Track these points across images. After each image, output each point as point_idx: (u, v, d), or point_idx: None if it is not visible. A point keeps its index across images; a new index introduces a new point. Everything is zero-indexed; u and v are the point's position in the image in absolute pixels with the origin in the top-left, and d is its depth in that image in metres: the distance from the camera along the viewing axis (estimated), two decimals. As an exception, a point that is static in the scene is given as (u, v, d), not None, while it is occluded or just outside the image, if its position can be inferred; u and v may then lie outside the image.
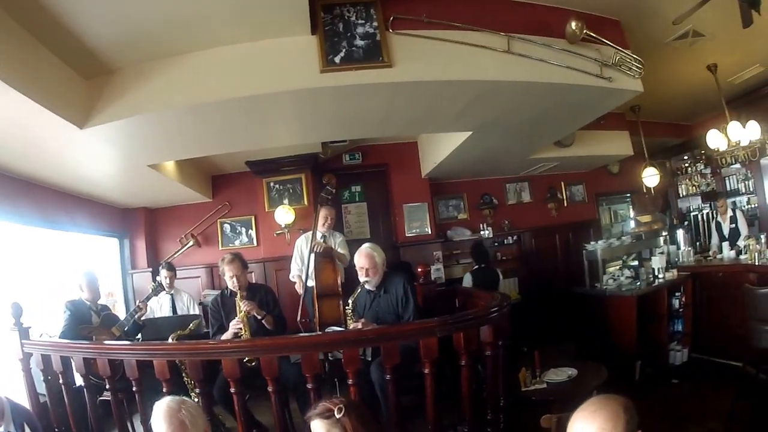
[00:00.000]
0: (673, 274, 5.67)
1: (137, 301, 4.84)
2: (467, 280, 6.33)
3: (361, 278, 3.91)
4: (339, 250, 5.11)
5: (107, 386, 3.44)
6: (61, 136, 3.92)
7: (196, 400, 3.15)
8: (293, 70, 3.71)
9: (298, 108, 4.13)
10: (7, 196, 4.81)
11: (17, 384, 3.81)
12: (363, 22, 3.76)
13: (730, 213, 6.67)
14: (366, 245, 3.99)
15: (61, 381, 3.60)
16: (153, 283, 5.01)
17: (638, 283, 5.58)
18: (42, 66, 3.34)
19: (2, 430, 3.03)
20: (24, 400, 3.60)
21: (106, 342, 3.97)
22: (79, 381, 3.75)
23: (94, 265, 5.62)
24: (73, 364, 3.58)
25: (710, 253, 6.39)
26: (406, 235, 7.26)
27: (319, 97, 3.93)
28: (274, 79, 3.70)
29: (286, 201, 6.71)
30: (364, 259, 3.88)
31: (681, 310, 5.64)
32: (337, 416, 1.98)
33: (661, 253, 5.98)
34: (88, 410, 3.63)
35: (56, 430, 3.74)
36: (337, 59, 3.70)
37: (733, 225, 6.58)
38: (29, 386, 3.78)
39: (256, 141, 5.08)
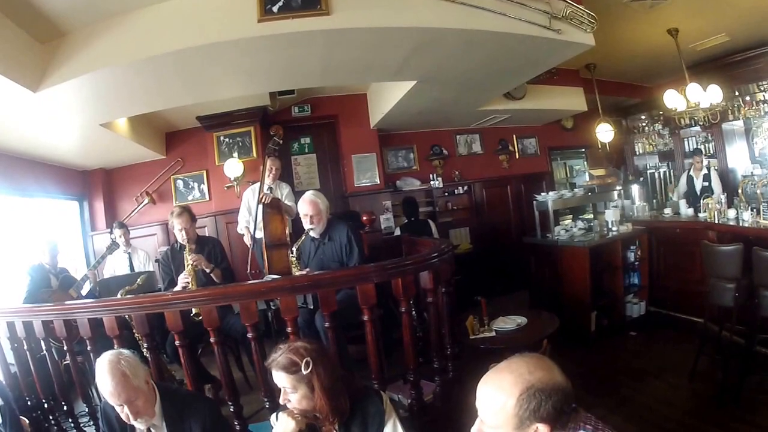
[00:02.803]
0: (627, 227, 5.72)
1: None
2: (398, 234, 6.33)
3: (306, 225, 3.88)
4: (286, 201, 5.10)
5: (65, 348, 3.44)
6: (16, 102, 3.93)
7: (146, 355, 3.15)
8: (231, 21, 3.66)
9: (238, 59, 4.08)
10: None
11: None
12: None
13: (704, 171, 6.71)
14: (309, 192, 3.95)
15: (25, 347, 3.59)
16: (109, 242, 5.07)
17: (591, 235, 5.62)
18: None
19: None
20: None
21: (64, 302, 3.94)
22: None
23: (53, 230, 5.71)
24: (35, 329, 3.54)
25: (666, 210, 6.41)
26: (356, 185, 7.24)
27: (257, 48, 3.88)
28: (212, 31, 3.65)
29: (235, 154, 6.70)
30: (308, 205, 3.83)
31: (637, 263, 5.71)
32: (304, 371, 1.94)
33: (615, 206, 6.02)
34: (52, 375, 3.61)
35: (27, 399, 3.71)
36: (275, 8, 3.63)
37: (707, 183, 6.59)
38: None
39: (200, 94, 5.02)
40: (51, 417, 3.65)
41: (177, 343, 3.05)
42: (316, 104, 7.25)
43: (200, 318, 3.34)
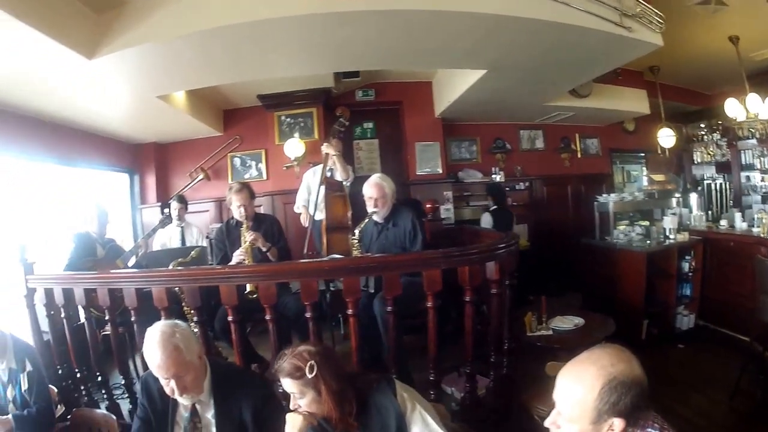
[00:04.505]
0: (684, 236, 5.56)
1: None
2: (486, 220, 6.26)
3: (369, 209, 3.82)
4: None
5: (107, 318, 3.38)
6: (71, 70, 3.90)
7: (195, 330, 3.08)
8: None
9: (303, 35, 3.99)
10: (17, 134, 4.85)
11: (22, 322, 3.70)
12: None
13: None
14: (376, 175, 3.90)
15: (63, 315, 3.53)
16: (161, 215, 5.03)
17: (648, 242, 5.47)
18: (52, 1, 3.31)
19: (3, 367, 2.98)
20: (28, 338, 3.50)
21: (111, 271, 3.89)
22: (82, 317, 3.71)
23: (104, 200, 5.52)
24: (75, 297, 3.50)
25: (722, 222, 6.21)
26: (417, 173, 7.15)
27: (325, 24, 3.80)
28: (278, 4, 3.57)
29: (296, 135, 6.64)
30: (373, 188, 3.78)
31: (690, 274, 5.54)
32: (309, 375, 1.88)
33: (674, 214, 5.88)
34: (89, 345, 3.56)
35: (58, 367, 3.67)
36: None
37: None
38: (33, 323, 3.70)
39: (262, 70, 4.94)
40: (82, 387, 3.62)
41: (230, 318, 3.01)
42: (381, 89, 7.16)
43: (254, 296, 3.34)
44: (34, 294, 3.62)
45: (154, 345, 2.10)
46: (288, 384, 1.91)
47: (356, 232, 3.86)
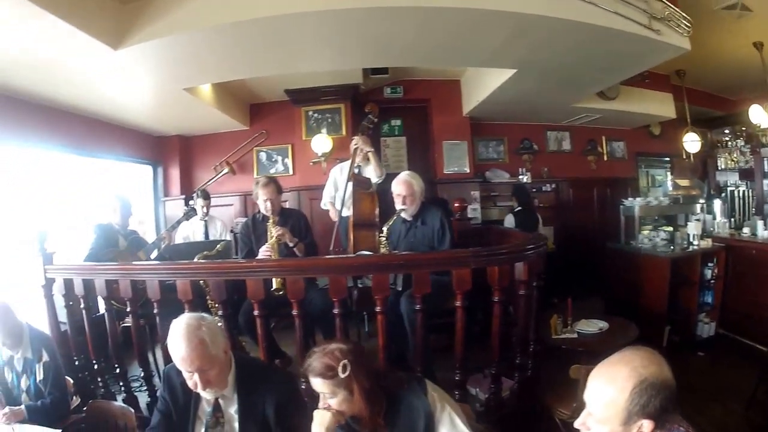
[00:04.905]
0: (707, 243, 5.50)
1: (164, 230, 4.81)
2: (509, 221, 6.24)
3: (398, 206, 3.80)
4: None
5: (128, 310, 3.38)
6: (96, 60, 3.88)
7: (219, 324, 3.06)
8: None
9: (337, 30, 3.97)
10: (41, 125, 4.85)
11: (39, 313, 3.72)
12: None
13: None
14: (405, 172, 3.88)
15: (82, 306, 3.52)
16: (185, 208, 4.97)
17: (672, 247, 5.43)
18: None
19: (18, 356, 3.01)
20: (45, 328, 3.52)
21: (133, 263, 3.93)
22: (101, 309, 3.70)
23: (127, 191, 5.59)
24: (96, 288, 3.49)
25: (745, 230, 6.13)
26: (444, 172, 7.10)
27: (363, 19, 3.78)
28: None
29: (324, 130, 6.63)
30: (402, 186, 3.76)
31: (712, 281, 5.47)
32: (342, 375, 1.84)
33: (698, 220, 5.82)
34: (109, 336, 3.55)
35: (75, 358, 3.67)
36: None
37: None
38: (50, 313, 3.71)
39: (289, 65, 4.90)
40: (99, 379, 3.62)
41: (256, 312, 3.01)
42: (409, 87, 7.13)
43: (280, 292, 3.33)
44: (52, 284, 3.63)
45: (179, 337, 2.07)
46: (318, 384, 1.88)
47: (384, 229, 3.83)
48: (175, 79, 4.80)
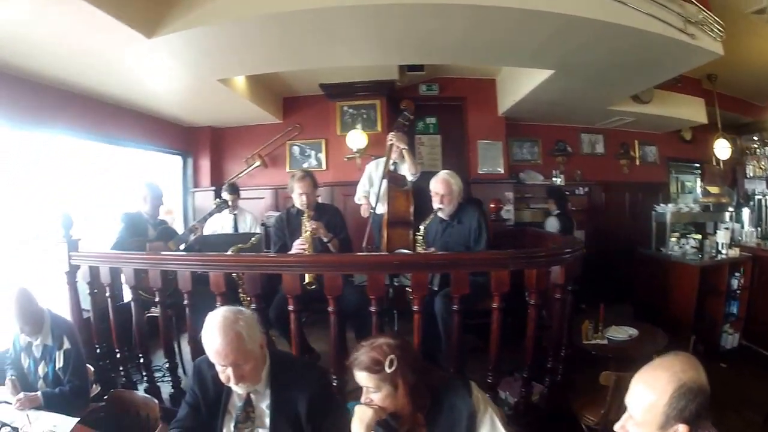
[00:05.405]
0: (735, 252, 5.45)
1: (195, 221, 4.78)
2: (553, 225, 6.13)
3: (435, 205, 3.80)
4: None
5: (157, 300, 3.38)
6: (129, 49, 3.86)
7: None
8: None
9: (373, 25, 3.95)
10: (72, 113, 4.87)
11: (61, 300, 3.68)
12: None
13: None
14: (444, 171, 3.87)
15: (107, 294, 3.52)
16: (218, 200, 4.90)
17: (700, 256, 5.38)
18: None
19: (38, 343, 3.01)
20: (67, 315, 3.51)
21: (161, 252, 3.88)
22: (126, 297, 3.69)
23: (158, 181, 5.51)
24: (122, 277, 3.50)
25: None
26: (479, 172, 7.06)
27: (398, 15, 3.74)
28: None
29: (359, 126, 6.60)
30: (440, 184, 3.75)
31: (738, 291, 5.44)
32: (388, 370, 1.83)
33: (727, 228, 5.75)
34: (134, 325, 3.56)
35: (96, 346, 3.66)
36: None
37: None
38: (73, 300, 3.69)
39: (327, 59, 4.89)
40: (121, 368, 3.62)
41: (290, 307, 3.01)
42: (445, 84, 7.09)
43: (312, 287, 3.33)
44: (77, 271, 3.62)
45: (215, 330, 2.04)
46: (363, 377, 1.87)
47: (421, 228, 3.82)
48: (209, 70, 4.78)
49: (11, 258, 4.42)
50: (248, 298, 3.38)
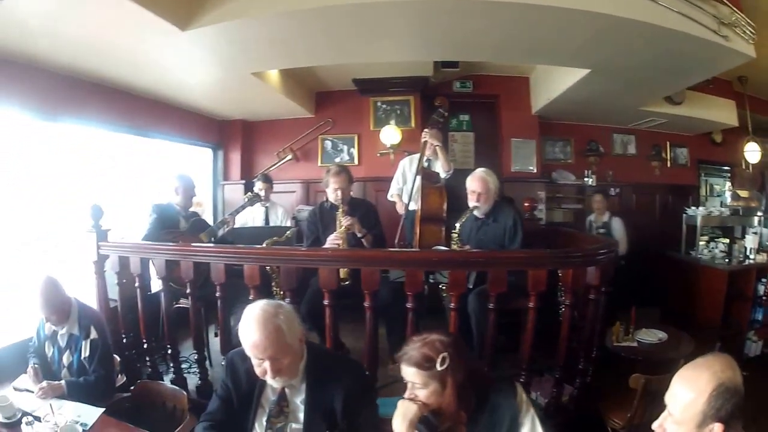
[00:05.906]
0: (763, 257, 5.42)
1: (226, 214, 4.77)
2: (618, 226, 6.19)
3: (471, 203, 3.78)
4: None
5: (188, 291, 3.39)
6: (163, 41, 3.85)
7: None
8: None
9: (413, 21, 3.92)
10: (102, 105, 4.89)
11: (88, 289, 3.70)
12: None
13: None
14: (481, 169, 3.87)
15: (137, 284, 3.53)
16: (249, 193, 4.87)
17: (728, 260, 5.38)
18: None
19: (63, 332, 3.01)
20: (94, 305, 3.53)
21: (194, 244, 3.87)
22: (155, 287, 3.72)
23: (191, 173, 5.51)
24: (152, 267, 3.52)
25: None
26: (511, 170, 7.01)
27: (440, 11, 3.73)
28: None
29: (392, 122, 6.58)
30: (477, 182, 3.75)
31: (764, 297, 5.37)
32: (440, 368, 1.81)
33: (755, 233, 5.73)
34: (162, 316, 3.58)
35: (123, 336, 3.67)
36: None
37: None
38: (101, 290, 3.69)
39: (364, 54, 4.87)
40: (147, 358, 3.63)
41: (326, 302, 3.02)
42: (478, 82, 7.04)
43: (346, 282, 3.36)
44: (105, 261, 3.63)
45: (253, 323, 2.02)
46: (411, 373, 1.84)
47: (457, 225, 3.82)
48: (244, 63, 4.78)
49: (34, 250, 4.45)
50: (281, 292, 3.36)
